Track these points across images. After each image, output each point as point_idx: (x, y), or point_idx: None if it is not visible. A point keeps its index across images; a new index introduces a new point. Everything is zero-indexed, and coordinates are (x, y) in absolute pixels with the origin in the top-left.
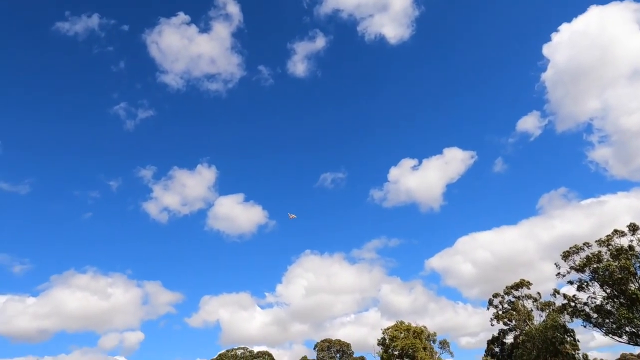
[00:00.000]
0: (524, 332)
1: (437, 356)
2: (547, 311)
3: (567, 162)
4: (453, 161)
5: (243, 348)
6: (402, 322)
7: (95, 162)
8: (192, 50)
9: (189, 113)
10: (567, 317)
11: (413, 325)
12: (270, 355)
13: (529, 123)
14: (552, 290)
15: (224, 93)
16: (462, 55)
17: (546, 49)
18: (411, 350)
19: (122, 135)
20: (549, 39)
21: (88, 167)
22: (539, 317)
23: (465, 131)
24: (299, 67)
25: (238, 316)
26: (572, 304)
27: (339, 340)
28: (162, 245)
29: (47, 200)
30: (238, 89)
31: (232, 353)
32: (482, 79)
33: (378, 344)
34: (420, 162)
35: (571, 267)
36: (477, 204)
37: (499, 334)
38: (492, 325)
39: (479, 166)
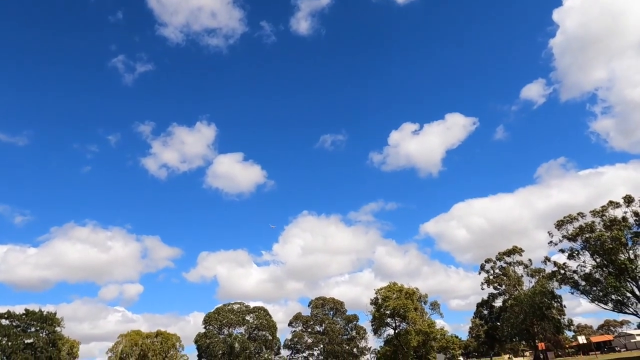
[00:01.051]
0: (513, 296)
1: (427, 317)
2: (537, 277)
3: (569, 132)
4: (454, 127)
5: (240, 303)
6: (395, 283)
7: (93, 116)
8: (192, 3)
9: (189, 68)
10: (555, 283)
11: (405, 286)
12: (266, 310)
13: (534, 91)
14: (543, 258)
15: (225, 49)
16: (470, 18)
17: (556, 14)
18: (402, 310)
19: (121, 89)
20: (560, 3)
21: (86, 121)
22: (528, 283)
23: (468, 97)
24: (302, 24)
25: (235, 272)
26: (562, 271)
27: (333, 299)
28: (161, 201)
29: (45, 152)
30: (239, 45)
31: (229, 307)
32: (489, 44)
33: (371, 304)
34: (421, 127)
35: (564, 236)
36: (476, 170)
37: (488, 297)
38: (482, 289)
39: (480, 133)
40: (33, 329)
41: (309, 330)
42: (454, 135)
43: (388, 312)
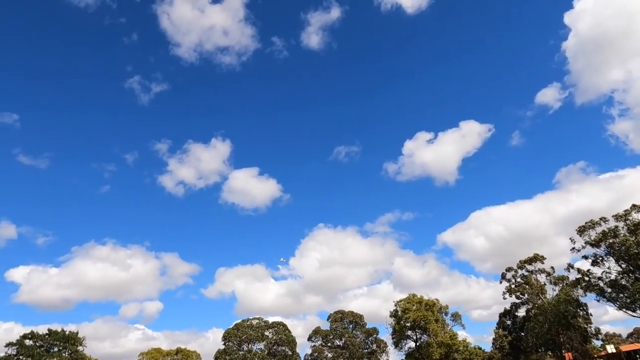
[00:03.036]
0: (537, 305)
1: (448, 328)
2: (561, 285)
3: (587, 136)
4: (469, 134)
5: (258, 318)
6: (414, 295)
7: (111, 135)
8: (204, 22)
9: (203, 86)
10: (580, 291)
11: (425, 298)
12: (284, 325)
13: (549, 95)
14: (566, 265)
15: (238, 66)
16: (479, 26)
17: (568, 17)
18: (423, 322)
19: (137, 109)
20: (571, 6)
21: (104, 140)
22: (552, 291)
23: (482, 104)
24: (313, 39)
25: (253, 287)
26: (586, 278)
27: (352, 312)
28: (178, 218)
29: (66, 174)
30: (252, 62)
31: (248, 323)
32: (500, 49)
33: (390, 316)
34: (436, 136)
35: (586, 242)
36: (493, 178)
37: (511, 307)
38: (504, 298)
39: (495, 139)
40: (56, 349)
41: (329, 344)
42: (469, 142)
43: (408, 324)
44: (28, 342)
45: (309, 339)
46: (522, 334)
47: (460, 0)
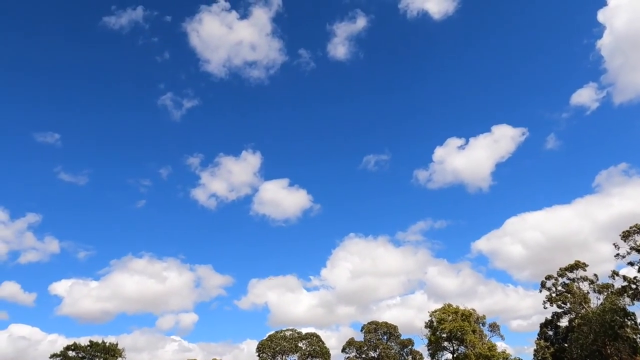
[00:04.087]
0: (580, 315)
1: (486, 339)
2: (605, 294)
3: (628, 136)
4: (502, 139)
5: (292, 330)
6: (449, 305)
7: (146, 152)
8: (232, 38)
9: (233, 101)
10: (627, 299)
11: (461, 307)
12: (318, 336)
13: (585, 96)
14: (611, 272)
15: (266, 80)
16: (511, 27)
17: (602, 15)
18: (460, 333)
19: (170, 125)
20: (604, 3)
21: (139, 157)
22: (596, 300)
23: (515, 107)
24: (339, 49)
25: (285, 298)
26: (633, 286)
27: (386, 323)
28: (211, 230)
29: (104, 190)
30: (279, 75)
31: (281, 334)
32: (532, 51)
33: (426, 327)
34: (467, 141)
35: (632, 248)
36: (528, 183)
37: (552, 317)
38: (545, 308)
39: (530, 143)
40: None
41: (363, 356)
42: (502, 147)
43: (444, 335)
44: (71, 353)
45: (343, 350)
46: (566, 345)
47: (488, 2)
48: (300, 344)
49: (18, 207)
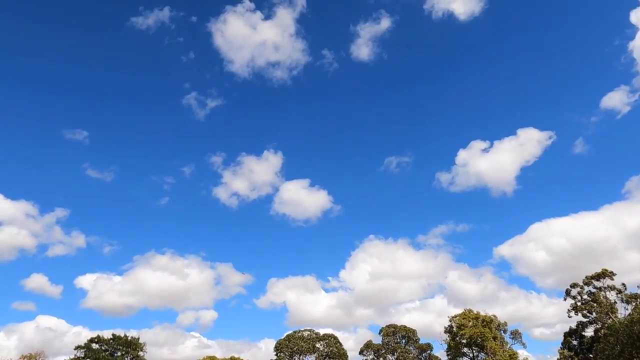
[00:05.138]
0: (607, 325)
1: (508, 346)
2: (634, 304)
3: None
4: (528, 142)
5: (309, 330)
6: (470, 310)
7: (170, 150)
8: (256, 38)
9: (256, 101)
10: None
11: (482, 313)
12: (335, 338)
13: (616, 99)
14: None
15: (289, 80)
16: (539, 28)
17: (634, 15)
18: (480, 339)
19: (194, 123)
20: (637, 4)
21: (164, 155)
22: (623, 310)
23: (542, 110)
24: (363, 50)
25: (304, 299)
26: None
27: (405, 326)
28: (232, 228)
29: (129, 186)
30: (302, 75)
31: (299, 334)
32: (561, 52)
33: (445, 332)
34: (491, 144)
35: None
36: (555, 188)
37: (577, 326)
38: (569, 317)
39: (557, 147)
40: (119, 353)
41: (381, 359)
42: (528, 151)
43: (464, 341)
44: (95, 345)
45: (361, 352)
46: (591, 355)
47: (515, 3)
48: (317, 345)
49: (47, 202)
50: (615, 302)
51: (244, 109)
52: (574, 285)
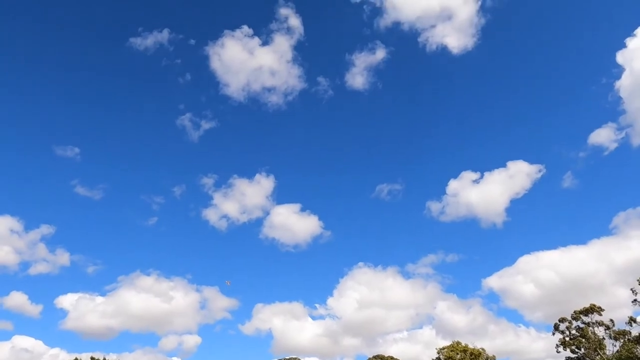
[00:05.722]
0: None
1: None
2: (622, 341)
3: None
4: (518, 175)
5: (296, 358)
6: (458, 342)
7: (161, 170)
8: (253, 63)
9: (250, 124)
10: None
11: (470, 346)
12: None
13: (603, 136)
14: (628, 318)
15: (284, 105)
16: (529, 65)
17: (620, 56)
18: None
19: (187, 144)
20: (623, 45)
21: (155, 174)
22: (611, 347)
23: (532, 144)
24: (357, 79)
25: (290, 326)
26: None
27: (392, 357)
28: (220, 251)
29: (118, 205)
30: (297, 101)
31: None
32: (550, 89)
33: None
34: (482, 175)
35: None
36: (543, 221)
37: None
38: (558, 352)
39: (546, 181)
40: None
41: None
42: (518, 183)
43: None
44: None
45: None
46: None
47: (507, 39)
48: None
49: (33, 218)
50: (604, 338)
51: (238, 131)
52: (562, 320)
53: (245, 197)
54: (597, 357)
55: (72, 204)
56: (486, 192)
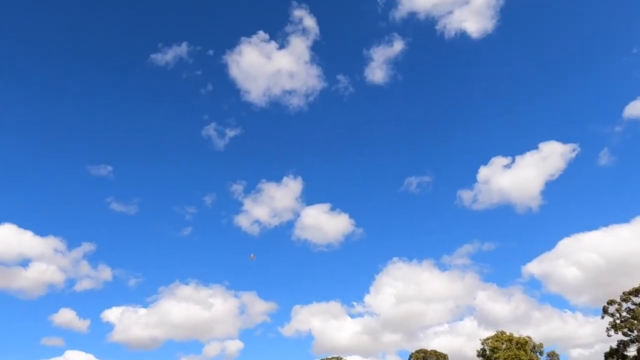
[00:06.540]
0: None
1: None
2: None
3: None
4: (551, 156)
5: (337, 357)
6: (502, 332)
7: (191, 180)
8: (271, 68)
9: (273, 128)
10: None
11: (515, 335)
12: None
13: (639, 108)
14: None
15: (305, 106)
16: (556, 41)
17: None
18: None
19: (214, 153)
20: None
21: (185, 185)
22: None
23: (564, 122)
24: (377, 73)
25: (329, 325)
26: None
27: (435, 351)
28: (255, 256)
29: (152, 218)
30: (318, 101)
31: None
32: (580, 64)
33: (478, 355)
34: (513, 160)
35: None
36: (582, 202)
37: (618, 345)
38: (609, 335)
39: (582, 160)
40: None
41: None
42: (552, 165)
43: None
44: None
45: None
46: None
47: (529, 17)
48: None
49: (74, 237)
50: None
51: (262, 136)
52: (611, 302)
53: (274, 200)
54: None
55: (109, 220)
56: (519, 177)
